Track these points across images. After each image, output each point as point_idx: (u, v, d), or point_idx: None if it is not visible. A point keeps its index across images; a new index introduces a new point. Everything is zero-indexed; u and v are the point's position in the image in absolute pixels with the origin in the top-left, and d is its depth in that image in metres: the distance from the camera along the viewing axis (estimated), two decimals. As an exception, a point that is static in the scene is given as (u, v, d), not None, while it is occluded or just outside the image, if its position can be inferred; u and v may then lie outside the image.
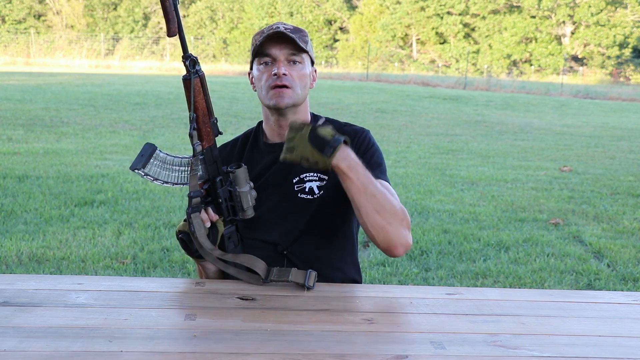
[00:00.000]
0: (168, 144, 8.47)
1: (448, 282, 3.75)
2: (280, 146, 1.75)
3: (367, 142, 1.79)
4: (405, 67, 40.49)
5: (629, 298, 1.67)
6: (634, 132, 12.64)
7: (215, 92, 17.42)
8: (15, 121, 10.01)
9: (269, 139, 1.81)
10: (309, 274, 1.58)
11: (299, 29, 1.73)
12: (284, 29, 1.70)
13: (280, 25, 1.71)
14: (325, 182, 1.75)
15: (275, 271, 1.60)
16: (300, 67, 1.72)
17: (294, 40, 1.68)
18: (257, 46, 1.70)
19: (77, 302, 1.45)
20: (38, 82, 18.38)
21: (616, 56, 38.26)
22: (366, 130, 1.82)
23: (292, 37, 1.68)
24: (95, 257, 3.90)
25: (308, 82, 1.76)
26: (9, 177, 5.93)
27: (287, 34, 1.68)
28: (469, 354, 1.26)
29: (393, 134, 10.61)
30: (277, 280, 1.59)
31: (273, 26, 1.72)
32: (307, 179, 1.75)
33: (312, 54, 1.77)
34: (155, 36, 43.85)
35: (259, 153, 1.81)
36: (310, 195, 1.73)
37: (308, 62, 1.75)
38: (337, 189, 1.70)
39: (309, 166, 1.56)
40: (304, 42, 1.72)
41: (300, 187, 1.74)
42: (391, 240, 1.61)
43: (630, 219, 5.38)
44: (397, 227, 1.61)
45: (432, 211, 5.37)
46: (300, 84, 1.72)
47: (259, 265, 1.60)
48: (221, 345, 1.25)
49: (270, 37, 1.69)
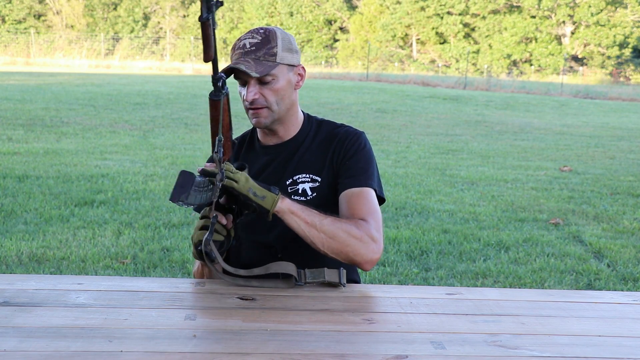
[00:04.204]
0: (168, 144, 8.47)
1: (448, 282, 3.75)
2: (274, 148, 1.77)
3: (357, 146, 1.75)
4: (405, 67, 40.49)
5: (629, 298, 1.67)
6: (634, 132, 12.64)
7: (215, 92, 17.40)
8: (15, 121, 10.01)
9: (262, 142, 1.82)
10: (341, 272, 1.60)
11: (266, 40, 1.65)
12: (245, 60, 1.63)
13: (247, 43, 1.65)
14: (317, 184, 1.75)
15: (308, 273, 1.60)
16: (273, 83, 1.67)
17: (254, 75, 1.62)
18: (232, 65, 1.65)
19: (77, 302, 1.45)
20: (38, 82, 18.38)
21: (616, 56, 38.27)
22: (359, 133, 1.79)
23: (251, 74, 1.62)
24: (95, 257, 3.90)
25: (287, 92, 1.71)
26: (9, 177, 5.93)
27: (248, 72, 1.61)
28: (469, 354, 1.26)
29: (393, 134, 10.61)
30: (313, 282, 1.60)
31: (236, 48, 1.67)
32: (300, 180, 1.74)
33: (289, 58, 1.69)
34: (155, 36, 43.87)
35: (255, 154, 1.81)
36: (304, 197, 1.72)
37: (283, 71, 1.68)
38: (330, 191, 1.72)
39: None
40: (271, 55, 1.65)
41: (294, 189, 1.74)
42: (354, 260, 1.62)
43: (630, 219, 5.38)
44: (356, 247, 1.60)
45: (432, 211, 5.37)
46: (276, 99, 1.68)
47: (291, 269, 1.59)
48: (221, 345, 1.25)
49: (234, 69, 1.63)
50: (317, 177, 1.75)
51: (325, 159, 1.76)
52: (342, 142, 1.76)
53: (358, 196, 1.68)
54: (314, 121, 1.83)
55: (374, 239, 1.62)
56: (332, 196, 1.73)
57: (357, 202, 1.67)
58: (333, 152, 1.76)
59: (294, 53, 1.71)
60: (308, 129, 1.80)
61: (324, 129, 1.81)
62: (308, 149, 1.78)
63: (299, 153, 1.77)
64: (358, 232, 1.60)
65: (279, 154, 1.78)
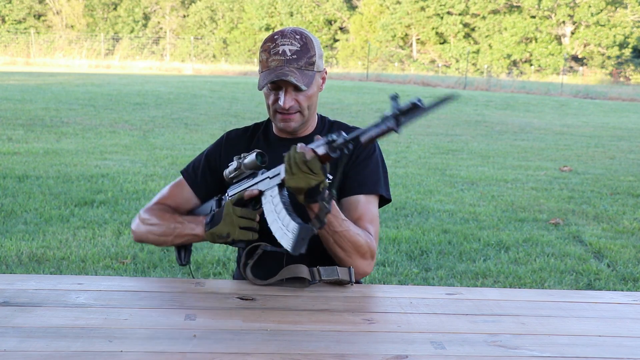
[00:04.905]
0: (168, 144, 8.47)
1: (448, 282, 3.75)
2: (290, 142, 1.77)
3: (368, 151, 1.79)
4: (405, 67, 40.49)
5: (629, 298, 1.67)
6: (634, 132, 12.64)
7: (215, 92, 17.43)
8: (15, 121, 10.01)
9: (278, 135, 1.84)
10: (351, 270, 1.64)
11: (305, 48, 1.67)
12: (290, 70, 1.64)
13: (287, 50, 1.65)
14: (330, 181, 1.77)
15: (322, 270, 1.63)
16: (308, 90, 1.70)
17: (304, 88, 1.66)
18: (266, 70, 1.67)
19: (77, 302, 1.45)
20: (38, 82, 18.38)
21: (616, 56, 38.25)
22: None
23: (302, 87, 1.65)
24: (95, 257, 3.90)
25: (316, 96, 1.76)
26: (9, 177, 5.93)
27: (299, 85, 1.64)
28: (469, 354, 1.26)
29: (393, 134, 10.59)
30: (328, 280, 1.62)
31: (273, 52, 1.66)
32: None
33: (321, 65, 1.74)
34: (155, 36, 43.86)
35: (270, 145, 1.83)
36: None
37: (316, 78, 1.73)
38: (341, 190, 1.76)
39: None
40: (311, 64, 1.68)
41: None
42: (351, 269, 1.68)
43: (630, 219, 5.38)
44: (356, 260, 1.67)
45: (432, 211, 5.37)
46: (307, 105, 1.73)
47: (303, 271, 1.62)
48: (221, 345, 1.25)
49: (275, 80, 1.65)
50: (330, 175, 1.77)
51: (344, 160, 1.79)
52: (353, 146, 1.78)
53: (364, 204, 1.75)
54: (327, 121, 1.87)
55: (373, 256, 1.70)
56: (343, 195, 1.78)
57: (362, 210, 1.74)
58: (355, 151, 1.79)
59: (323, 58, 1.77)
60: (321, 127, 1.84)
61: (337, 128, 1.84)
62: None
63: None
64: (363, 249, 1.67)
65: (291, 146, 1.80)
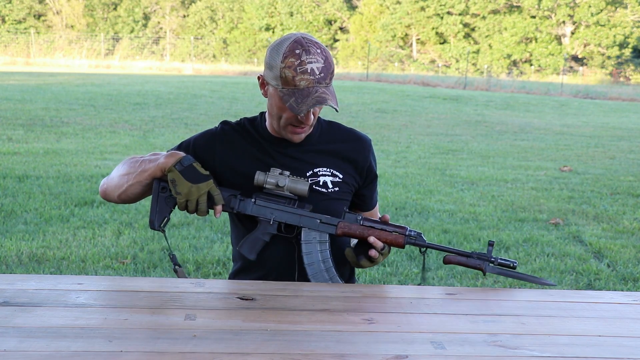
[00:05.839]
0: (168, 144, 8.46)
1: (448, 282, 3.75)
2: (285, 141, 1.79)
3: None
4: (405, 67, 40.48)
5: (629, 298, 1.67)
6: (634, 132, 12.64)
7: (215, 92, 17.42)
8: (15, 121, 10.01)
9: (272, 133, 1.82)
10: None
11: (328, 63, 1.64)
12: (323, 92, 1.63)
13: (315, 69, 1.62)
14: (338, 179, 1.81)
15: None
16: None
17: (337, 110, 1.68)
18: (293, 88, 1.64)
19: (77, 302, 1.45)
20: (38, 82, 18.37)
21: (616, 56, 38.24)
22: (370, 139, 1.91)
23: (337, 109, 1.66)
24: (95, 257, 3.90)
25: None
26: (9, 177, 5.93)
27: (335, 108, 1.65)
28: (469, 354, 1.26)
29: (393, 134, 10.61)
30: None
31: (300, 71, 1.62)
32: (321, 173, 1.79)
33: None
34: (155, 36, 43.85)
35: (264, 142, 1.82)
36: (324, 188, 1.78)
37: None
38: (348, 189, 1.81)
39: None
40: (331, 79, 1.68)
41: (315, 180, 1.78)
42: None
43: (630, 219, 5.38)
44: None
45: (432, 211, 5.37)
46: (317, 116, 1.77)
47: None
48: (221, 345, 1.25)
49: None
50: (338, 174, 1.81)
51: (349, 160, 1.82)
52: (367, 150, 1.85)
53: (375, 210, 1.93)
54: (323, 121, 1.87)
55: None
56: (350, 194, 1.83)
57: (374, 214, 1.93)
58: (358, 154, 1.83)
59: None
60: (317, 127, 1.83)
61: (335, 129, 1.86)
62: (317, 144, 1.81)
63: (312, 147, 1.80)
64: None
65: (287, 146, 1.80)
